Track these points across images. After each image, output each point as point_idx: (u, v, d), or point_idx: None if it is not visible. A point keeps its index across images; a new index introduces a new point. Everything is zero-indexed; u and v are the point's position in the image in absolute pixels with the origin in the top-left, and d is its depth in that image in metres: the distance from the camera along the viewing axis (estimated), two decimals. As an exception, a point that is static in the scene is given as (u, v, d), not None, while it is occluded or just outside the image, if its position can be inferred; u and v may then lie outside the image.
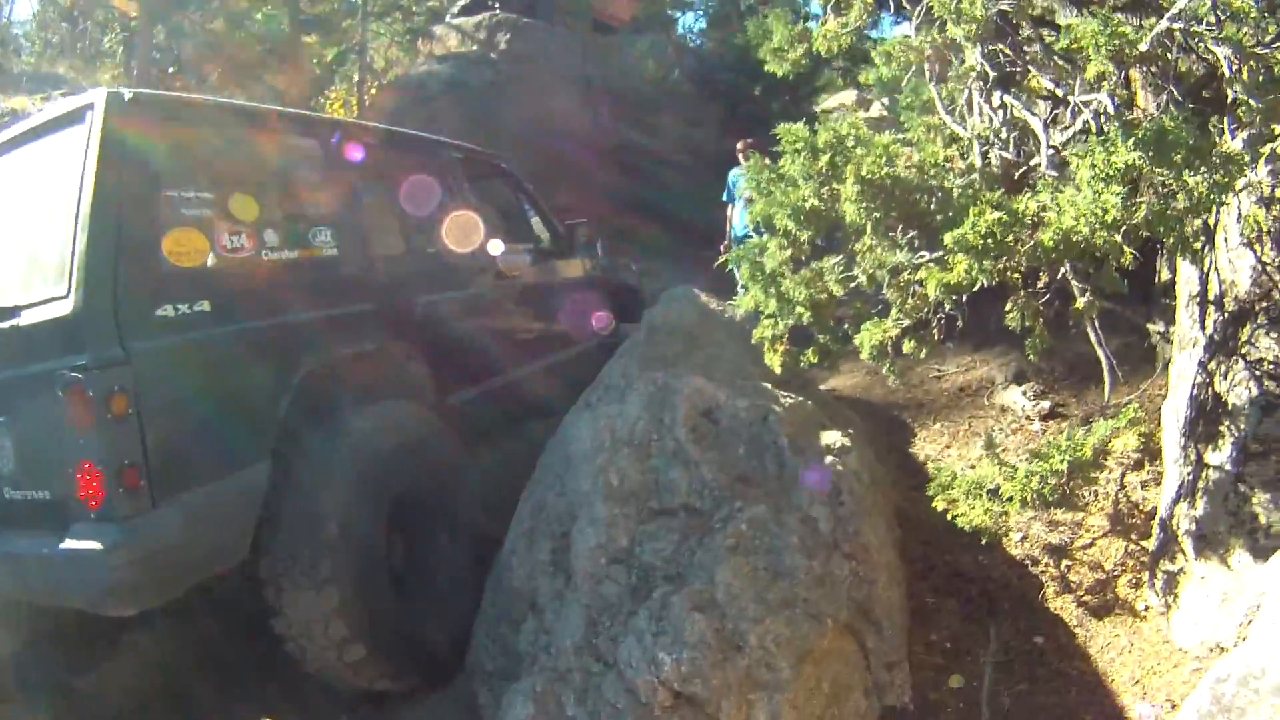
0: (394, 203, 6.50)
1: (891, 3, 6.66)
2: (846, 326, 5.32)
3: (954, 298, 4.55)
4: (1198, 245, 4.78)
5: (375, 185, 6.33)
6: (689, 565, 4.62)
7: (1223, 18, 4.62)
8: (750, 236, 11.50)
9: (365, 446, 5.20)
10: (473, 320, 6.91)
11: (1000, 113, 5.54)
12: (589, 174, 16.65)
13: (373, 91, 18.53)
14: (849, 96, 25.11)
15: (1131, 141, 4.00)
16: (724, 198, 12.44)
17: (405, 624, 5.23)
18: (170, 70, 19.50)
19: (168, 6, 18.44)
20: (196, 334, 4.54)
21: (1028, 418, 7.01)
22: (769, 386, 5.72)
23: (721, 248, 12.15)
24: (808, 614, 4.46)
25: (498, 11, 17.39)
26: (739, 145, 12.10)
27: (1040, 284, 5.14)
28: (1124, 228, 4.03)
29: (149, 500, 4.19)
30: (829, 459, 5.12)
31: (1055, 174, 4.65)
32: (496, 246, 7.39)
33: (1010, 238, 4.27)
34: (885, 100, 7.03)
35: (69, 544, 4.16)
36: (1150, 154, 4.00)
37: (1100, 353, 5.17)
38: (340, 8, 21.35)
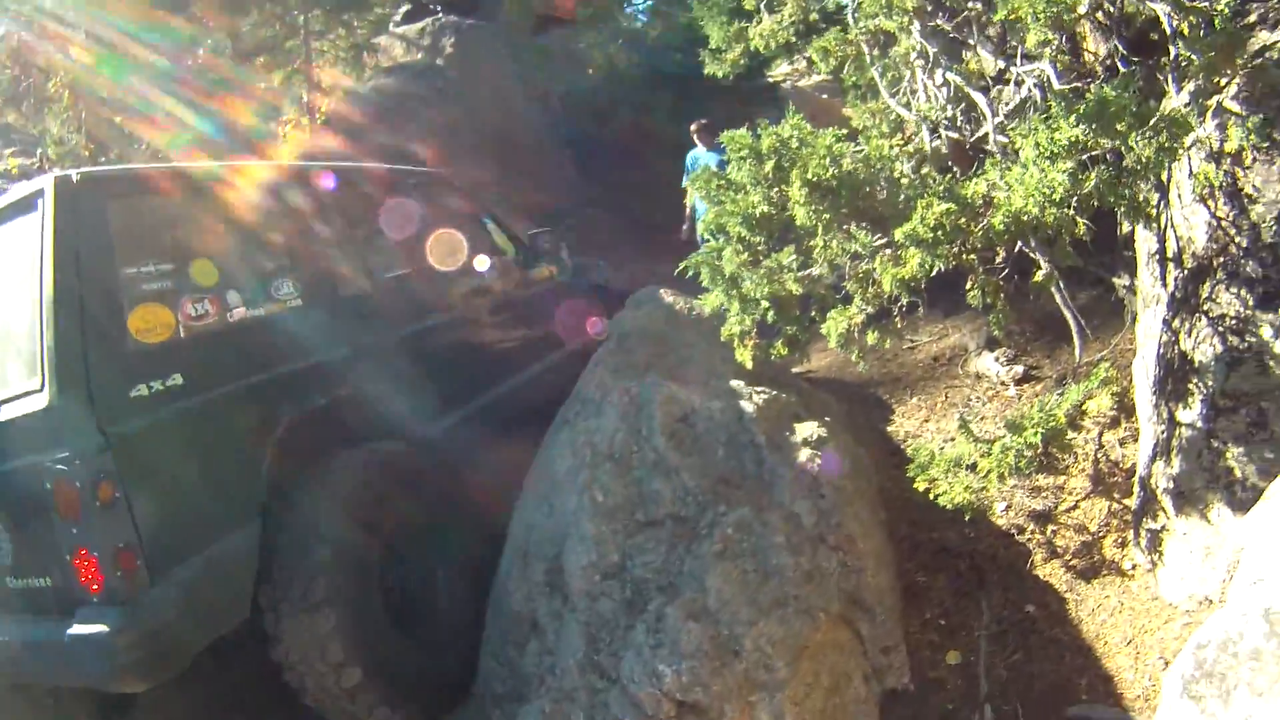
0: (352, 240, 6.47)
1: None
2: (814, 314, 5.35)
3: (911, 287, 4.58)
4: (1151, 209, 4.82)
5: (331, 225, 6.31)
6: (680, 574, 4.67)
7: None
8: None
9: (353, 487, 5.22)
10: (446, 346, 6.91)
11: (944, 90, 5.58)
12: (546, 171, 16.68)
13: (323, 110, 18.45)
14: (800, 63, 25.11)
15: (1074, 117, 4.04)
16: (684, 182, 12.45)
17: (404, 652, 5.25)
18: (116, 120, 19.38)
19: (110, 47, 18.34)
20: (172, 409, 4.57)
21: (1003, 383, 7.04)
22: (742, 383, 5.74)
23: (683, 230, 12.25)
24: (799, 610, 4.52)
25: (440, 16, 17.32)
26: (692, 127, 12.17)
27: (998, 260, 5.18)
28: (1074, 200, 4.08)
29: (147, 578, 4.25)
30: (807, 452, 5.17)
31: (1002, 151, 4.69)
32: (462, 267, 7.40)
33: (962, 222, 4.32)
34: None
35: (76, 629, 4.20)
36: (1094, 126, 4.05)
37: (1067, 314, 5.21)
38: (281, 30, 21.26)
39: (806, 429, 5.40)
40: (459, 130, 14.90)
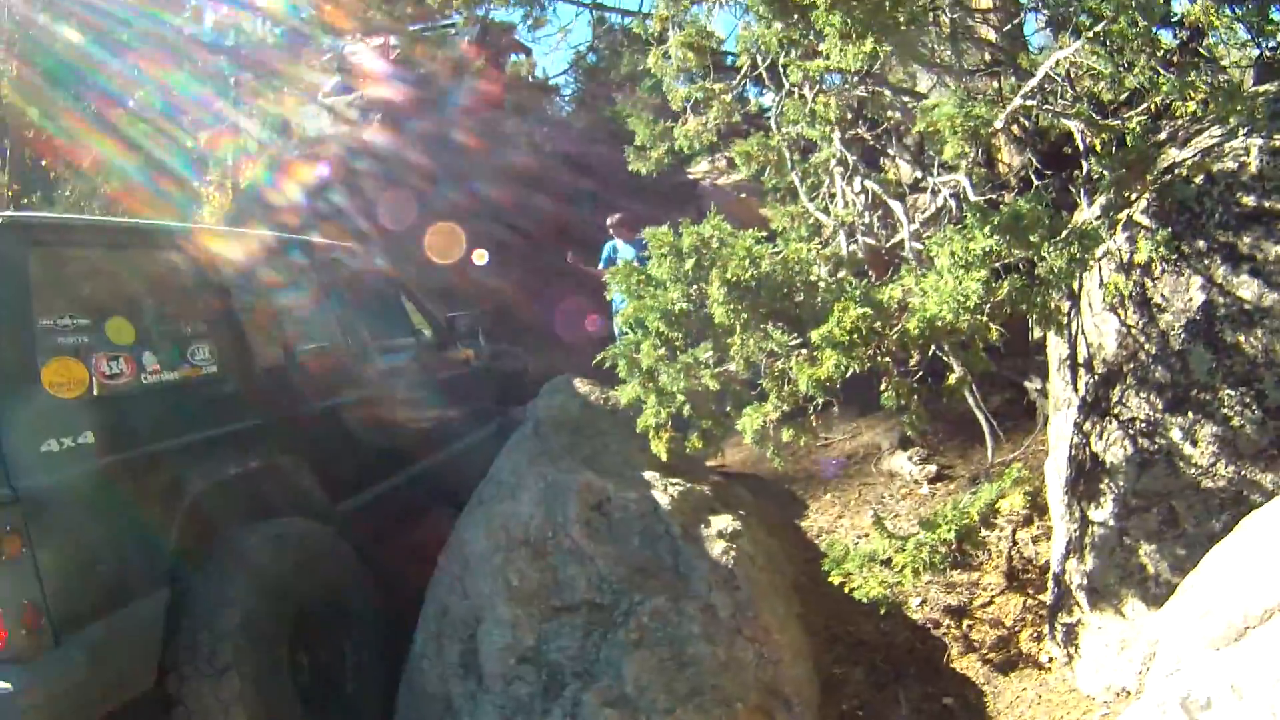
0: (271, 311, 6.43)
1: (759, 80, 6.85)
2: (729, 409, 5.41)
3: (826, 387, 4.68)
4: (1062, 316, 4.99)
5: (251, 295, 6.26)
6: (596, 661, 4.72)
7: (1074, 92, 4.85)
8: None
9: (263, 560, 5.14)
10: (359, 423, 6.85)
11: (862, 197, 5.73)
12: (465, 258, 16.73)
13: (247, 175, 18.39)
14: (720, 161, 25.42)
15: (988, 227, 4.18)
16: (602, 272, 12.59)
17: None
18: (42, 162, 19.22)
19: (40, 89, 18.25)
20: (83, 467, 4.43)
21: (916, 482, 7.17)
22: (657, 475, 5.84)
23: (600, 322, 12.37)
24: (717, 700, 4.57)
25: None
26: (610, 220, 12.32)
27: (912, 362, 5.30)
28: (988, 307, 4.21)
29: (51, 638, 4.13)
30: (721, 544, 5.25)
31: (917, 258, 4.83)
32: (379, 345, 7.43)
33: (877, 326, 4.44)
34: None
35: None
36: (1008, 237, 4.19)
37: (980, 416, 5.34)
38: (211, 90, 21.19)
39: (721, 521, 5.49)
40: (379, 208, 14.89)
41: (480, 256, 14.38)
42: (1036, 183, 5.15)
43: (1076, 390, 5.44)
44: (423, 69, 18.30)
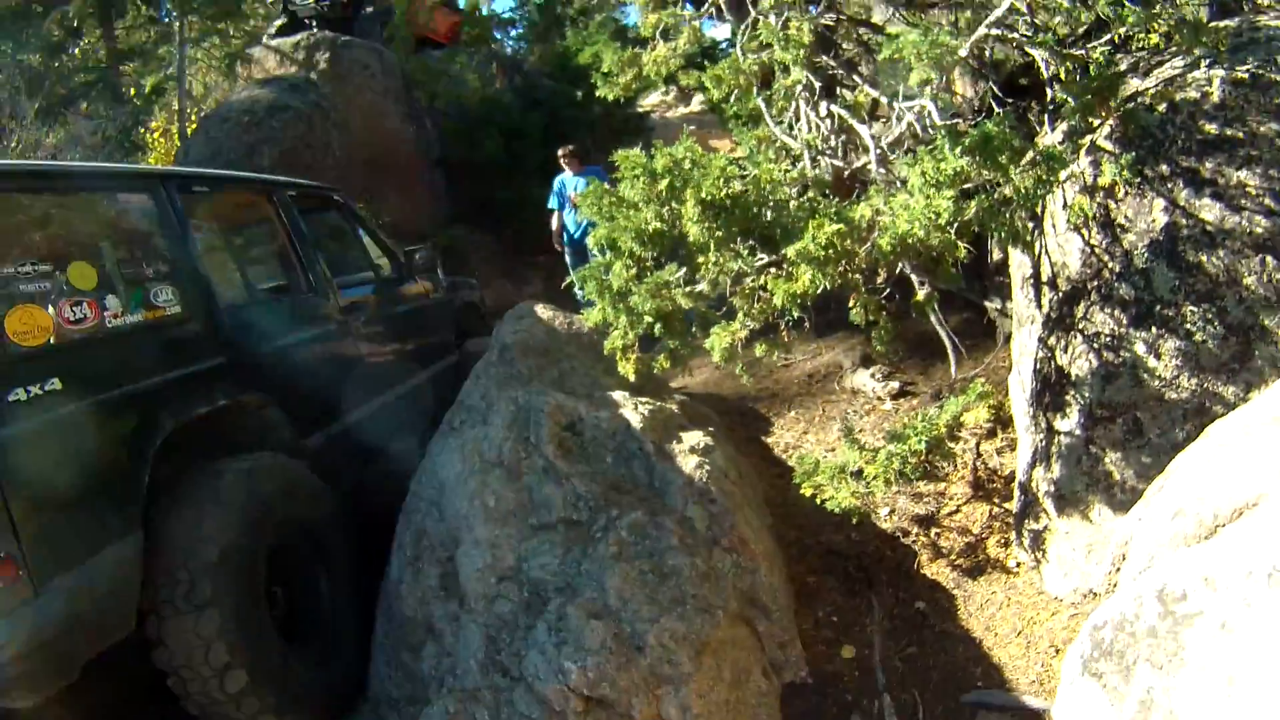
0: (232, 249, 6.46)
1: (715, 12, 6.90)
2: (695, 330, 5.48)
3: (800, 303, 4.78)
4: (1027, 236, 5.12)
5: (212, 233, 6.26)
6: (577, 575, 4.81)
7: (1038, 22, 4.96)
8: (585, 239, 11.82)
9: (237, 494, 5.14)
10: (323, 359, 6.89)
11: (827, 121, 5.82)
12: (416, 189, 16.66)
13: (194, 119, 18.15)
14: (670, 94, 25.47)
15: (959, 149, 4.28)
16: (549, 205, 12.66)
17: (289, 660, 5.18)
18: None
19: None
20: (51, 415, 4.37)
21: (879, 398, 7.32)
22: (626, 395, 5.93)
23: (558, 247, 12.50)
24: (698, 609, 4.69)
25: (315, 32, 17.16)
26: (560, 152, 12.41)
27: (880, 280, 5.41)
28: (956, 226, 4.33)
29: (29, 588, 4.09)
30: (694, 459, 5.37)
31: (884, 178, 4.93)
32: (342, 280, 7.43)
33: (848, 244, 4.54)
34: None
35: None
36: (978, 158, 4.30)
37: (943, 334, 5.46)
38: (156, 35, 20.89)
39: (693, 438, 5.59)
40: (329, 146, 14.80)
41: None
42: (998, 110, 5.25)
43: (1040, 307, 5.59)
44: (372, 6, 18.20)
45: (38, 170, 5.47)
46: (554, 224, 12.80)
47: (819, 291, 4.66)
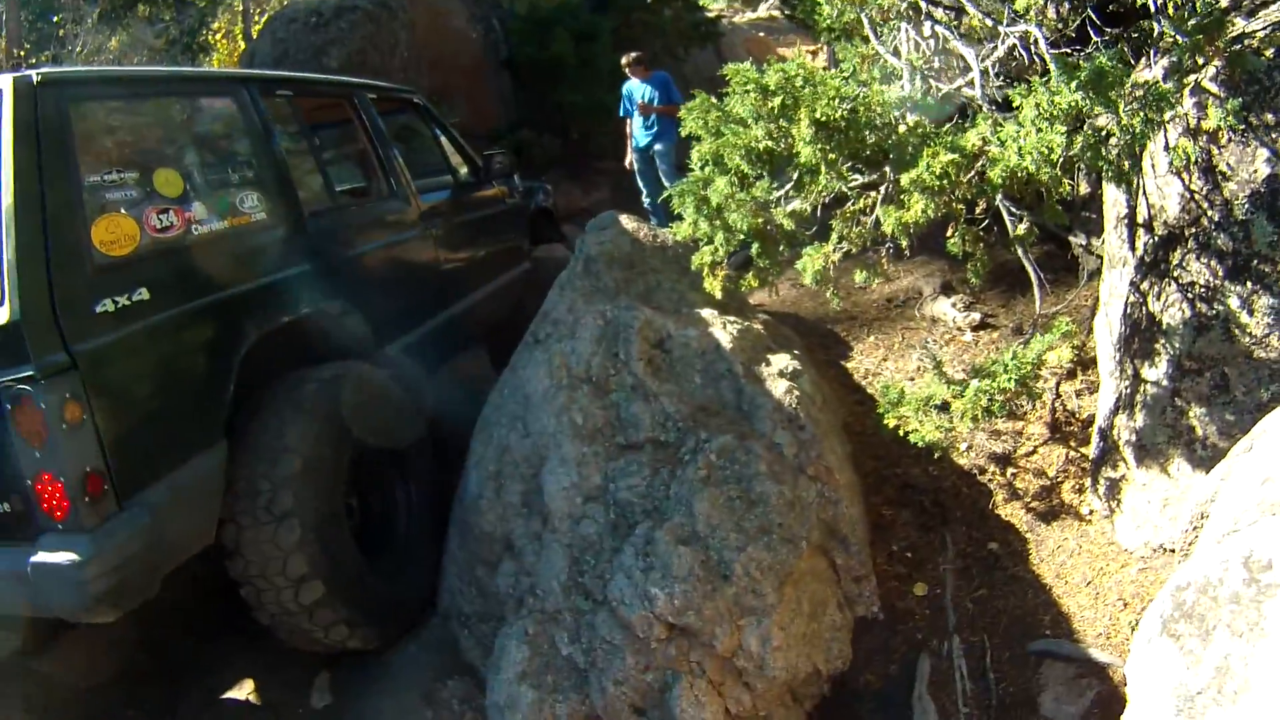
0: (314, 153, 6.35)
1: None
2: (783, 249, 5.38)
3: (909, 231, 4.69)
4: (1131, 176, 5.00)
5: (294, 138, 6.19)
6: (665, 499, 4.78)
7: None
8: (652, 148, 11.69)
9: (322, 404, 5.16)
10: (402, 266, 6.86)
11: (931, 42, 5.69)
12: (482, 91, 16.57)
13: (258, 20, 18.04)
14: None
15: (1074, 83, 4.17)
16: (621, 113, 12.53)
17: (364, 572, 5.21)
18: (49, 19, 18.82)
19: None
20: (139, 325, 4.36)
21: (959, 329, 7.21)
22: (714, 313, 5.86)
23: (626, 162, 12.42)
24: (784, 538, 4.67)
25: (380, -68, 17.00)
26: (624, 60, 12.15)
27: (978, 211, 5.31)
28: (1062, 162, 4.23)
29: (114, 503, 4.09)
30: (784, 383, 5.31)
31: (992, 106, 4.82)
32: (422, 185, 7.38)
33: (960, 175, 4.45)
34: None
35: (41, 558, 4.01)
36: (1091, 94, 4.19)
37: (1030, 269, 5.36)
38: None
39: (781, 361, 5.54)
40: (396, 47, 14.70)
41: None
42: (1094, 39, 5.10)
43: (1134, 250, 5.45)
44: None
45: (119, 76, 5.36)
46: (627, 132, 12.65)
47: (926, 221, 4.58)
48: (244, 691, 5.62)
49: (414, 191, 7.18)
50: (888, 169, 4.85)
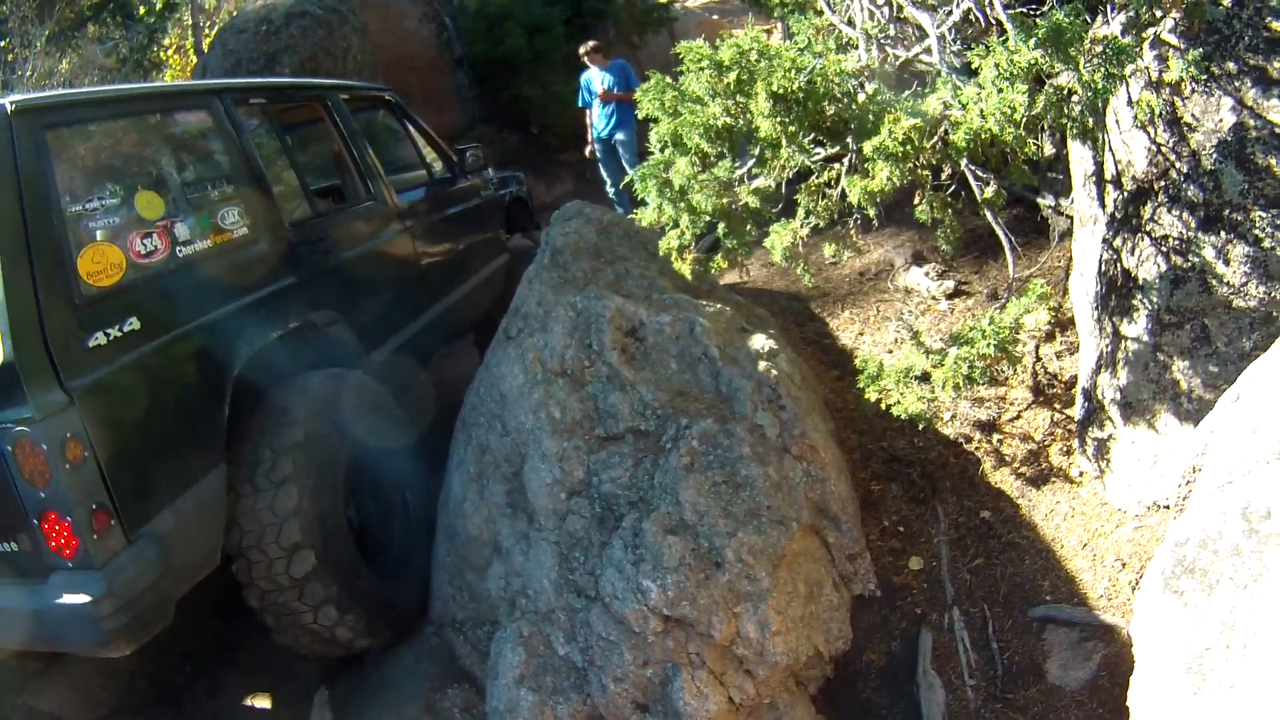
0: (293, 162, 6.26)
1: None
2: (750, 228, 5.36)
3: (874, 200, 4.65)
4: (1095, 132, 4.96)
5: (272, 147, 6.09)
6: (650, 489, 4.72)
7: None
8: (614, 136, 11.69)
9: (319, 394, 5.21)
10: (385, 269, 6.79)
11: (885, 10, 5.64)
12: (440, 89, 16.55)
13: (208, 33, 17.91)
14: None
15: (1032, 41, 4.13)
16: (580, 103, 12.52)
17: (358, 566, 5.19)
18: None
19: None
20: (132, 356, 4.30)
21: (934, 298, 7.17)
22: (687, 296, 5.82)
23: (587, 152, 12.43)
24: (773, 520, 4.62)
25: (327, -68, 16.90)
26: (582, 50, 12.23)
27: (944, 177, 5.28)
28: (1025, 121, 4.19)
29: (122, 537, 4.05)
30: (763, 364, 5.26)
31: (951, 72, 4.77)
32: (400, 184, 7.34)
33: (922, 140, 4.41)
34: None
35: (53, 597, 3.98)
36: (1049, 50, 4.15)
37: (1000, 232, 5.33)
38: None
39: (757, 341, 5.49)
40: (349, 51, 14.62)
41: None
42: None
43: (1104, 207, 5.43)
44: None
45: (92, 97, 5.11)
46: (587, 122, 12.63)
47: (892, 189, 4.54)
48: (245, 715, 5.60)
49: (392, 191, 7.12)
50: (849, 139, 4.82)
